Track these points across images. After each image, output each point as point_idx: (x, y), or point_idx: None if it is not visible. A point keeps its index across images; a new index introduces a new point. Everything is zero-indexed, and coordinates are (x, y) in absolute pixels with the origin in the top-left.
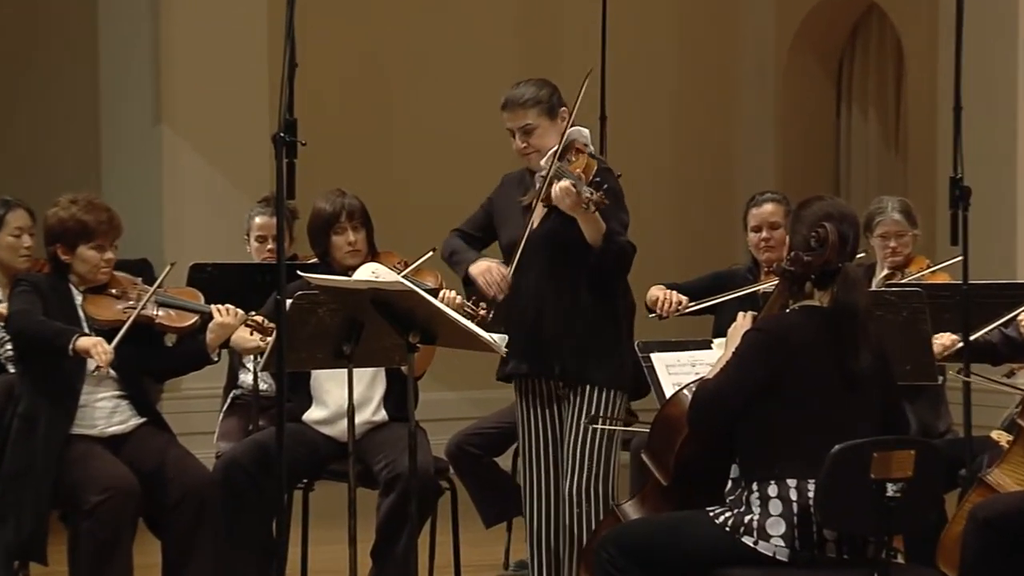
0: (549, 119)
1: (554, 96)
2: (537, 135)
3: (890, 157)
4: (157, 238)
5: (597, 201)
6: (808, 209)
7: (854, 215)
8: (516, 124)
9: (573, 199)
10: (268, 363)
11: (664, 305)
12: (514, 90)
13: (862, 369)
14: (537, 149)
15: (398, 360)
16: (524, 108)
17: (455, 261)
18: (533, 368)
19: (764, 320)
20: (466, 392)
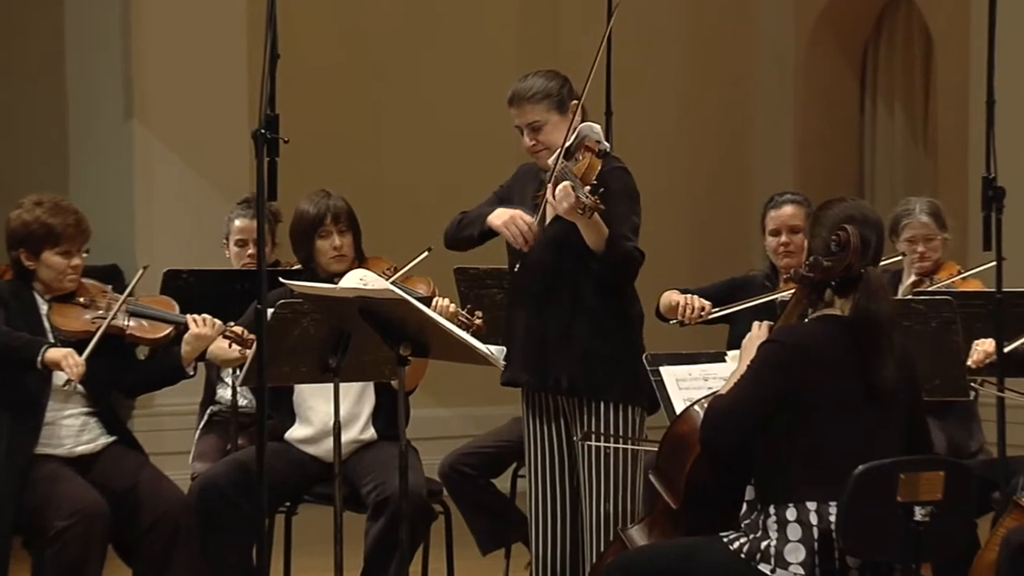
0: (559, 114)
1: (564, 88)
2: (546, 131)
3: (918, 155)
4: (128, 243)
5: (592, 206)
6: (829, 211)
7: (878, 218)
8: (523, 120)
9: (570, 203)
10: (248, 377)
11: (686, 311)
12: (521, 83)
13: (886, 382)
14: (547, 147)
15: (388, 374)
16: (532, 103)
17: (465, 224)
18: (537, 380)
19: (781, 330)
20: (461, 408)
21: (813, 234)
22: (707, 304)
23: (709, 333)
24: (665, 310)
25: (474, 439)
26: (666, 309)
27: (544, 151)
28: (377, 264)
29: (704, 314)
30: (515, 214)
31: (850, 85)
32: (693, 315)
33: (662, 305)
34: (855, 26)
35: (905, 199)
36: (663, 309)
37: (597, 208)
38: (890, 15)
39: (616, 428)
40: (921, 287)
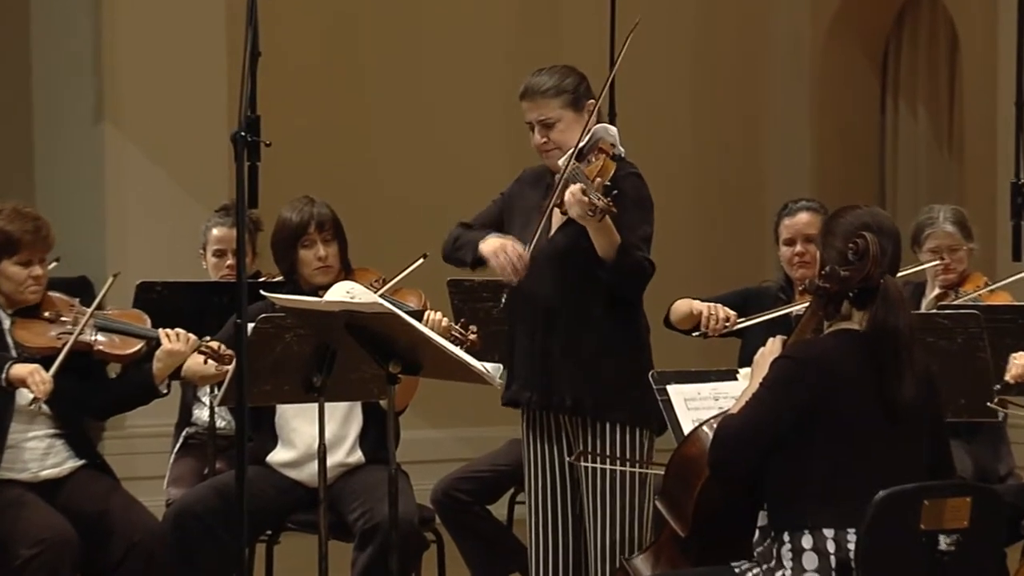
0: (574, 112)
1: (581, 86)
2: (559, 130)
3: (943, 159)
4: (99, 253)
5: (604, 208)
6: (842, 219)
7: (894, 226)
8: (535, 116)
9: (582, 206)
10: (226, 397)
11: (710, 321)
12: (535, 77)
13: (906, 400)
14: (558, 146)
15: (376, 393)
16: (545, 98)
17: (459, 246)
18: (540, 398)
19: (794, 346)
20: (454, 430)
21: (825, 244)
22: (732, 314)
23: (719, 349)
24: (680, 320)
25: (469, 463)
26: (682, 319)
27: (555, 151)
28: (365, 275)
29: (729, 325)
30: (504, 243)
31: (870, 85)
32: (718, 326)
33: (676, 315)
34: (875, 22)
35: (928, 207)
36: (677, 319)
37: (610, 211)
38: (912, 10)
39: (622, 452)
40: (946, 300)
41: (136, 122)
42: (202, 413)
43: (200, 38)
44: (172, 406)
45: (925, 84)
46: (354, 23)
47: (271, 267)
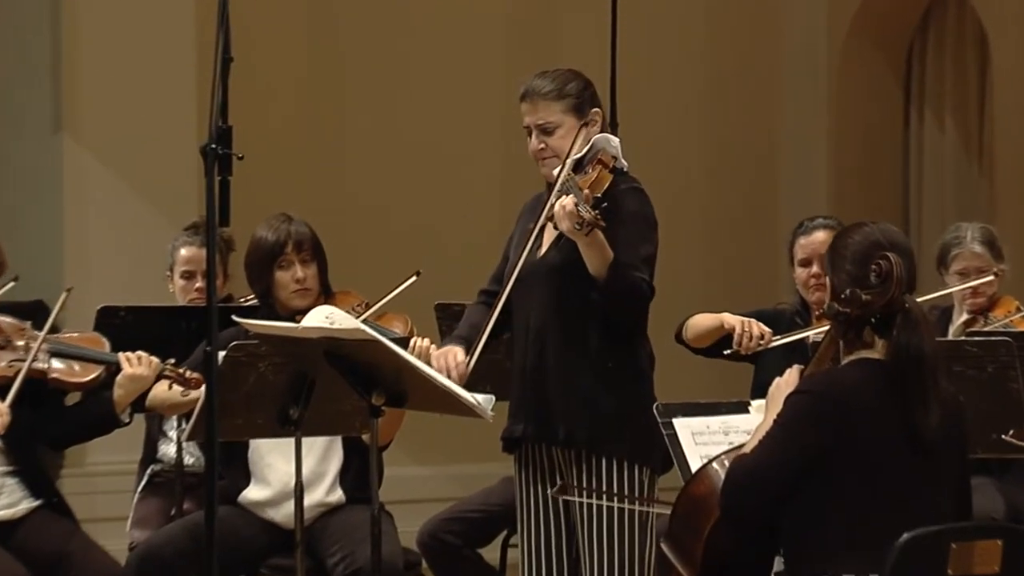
0: (576, 118)
1: (586, 92)
2: (558, 136)
3: (971, 174)
4: (56, 275)
5: (591, 222)
6: (850, 240)
7: (908, 243)
8: (534, 119)
9: (571, 218)
10: (195, 431)
11: (743, 339)
12: (538, 79)
13: (933, 430)
14: (556, 153)
15: (358, 427)
16: (546, 100)
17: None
18: (533, 431)
19: (811, 379)
20: (443, 467)
21: (835, 268)
22: (767, 331)
23: (730, 378)
24: (700, 336)
25: (458, 503)
26: (702, 335)
27: (552, 158)
28: (346, 299)
29: (764, 343)
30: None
31: (892, 93)
32: (751, 344)
33: (695, 331)
34: (897, 25)
35: (955, 225)
36: (696, 336)
37: (597, 224)
38: (938, 12)
39: (619, 489)
40: (975, 326)
41: (97, 132)
42: (168, 449)
43: (167, 42)
44: (136, 441)
45: (952, 91)
46: (334, 26)
47: (244, 290)
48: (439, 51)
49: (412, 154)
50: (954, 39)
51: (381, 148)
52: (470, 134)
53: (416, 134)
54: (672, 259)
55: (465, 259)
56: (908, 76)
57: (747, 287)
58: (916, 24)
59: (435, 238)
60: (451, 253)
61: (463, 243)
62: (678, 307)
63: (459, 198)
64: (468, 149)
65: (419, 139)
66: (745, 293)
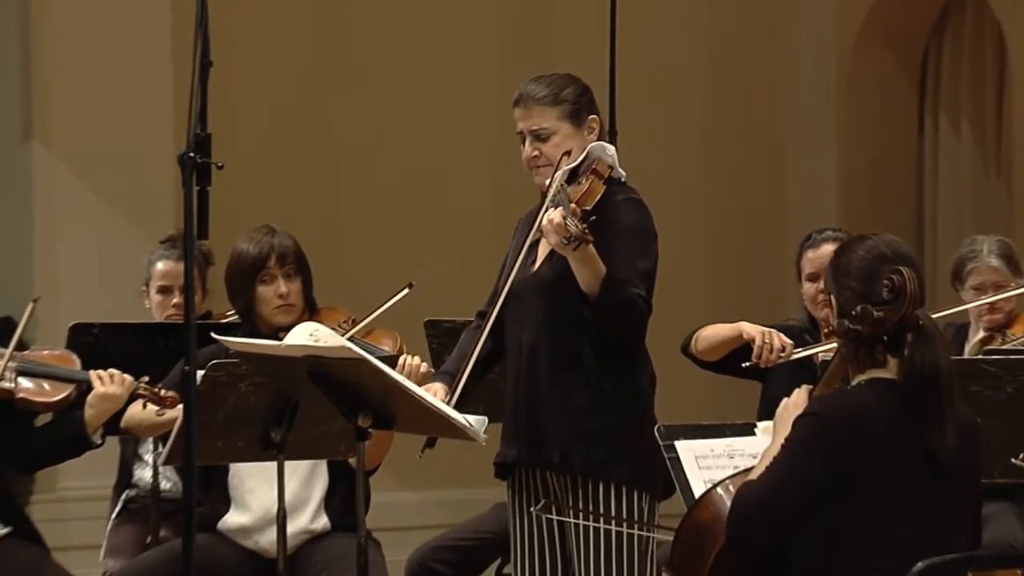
0: (573, 125)
1: (583, 97)
2: (553, 143)
3: (989, 183)
4: (26, 290)
5: (578, 236)
6: (855, 254)
7: (915, 256)
8: (527, 125)
9: (558, 232)
10: (172, 455)
11: (763, 351)
12: (531, 84)
13: (950, 451)
14: (550, 161)
15: (344, 450)
16: (541, 106)
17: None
18: (526, 455)
19: (820, 400)
20: (432, 492)
21: (839, 285)
22: (788, 343)
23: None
24: (711, 349)
25: (449, 530)
26: (714, 347)
27: (546, 167)
28: (331, 316)
29: (784, 356)
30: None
31: (906, 98)
32: (772, 357)
33: (707, 342)
34: (911, 25)
35: (971, 238)
36: (707, 348)
37: (584, 239)
38: (954, 11)
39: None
40: (992, 344)
41: (69, 140)
42: (144, 473)
43: (142, 46)
44: (110, 466)
45: (969, 95)
46: (321, 29)
47: (224, 306)
48: (430, 56)
49: (401, 163)
50: (971, 40)
51: (368, 156)
52: (462, 144)
53: (406, 143)
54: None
55: (457, 273)
56: (922, 79)
57: (753, 302)
58: (931, 24)
59: (425, 251)
60: (442, 267)
61: (455, 256)
62: (680, 323)
63: (450, 210)
64: (460, 159)
65: (409, 148)
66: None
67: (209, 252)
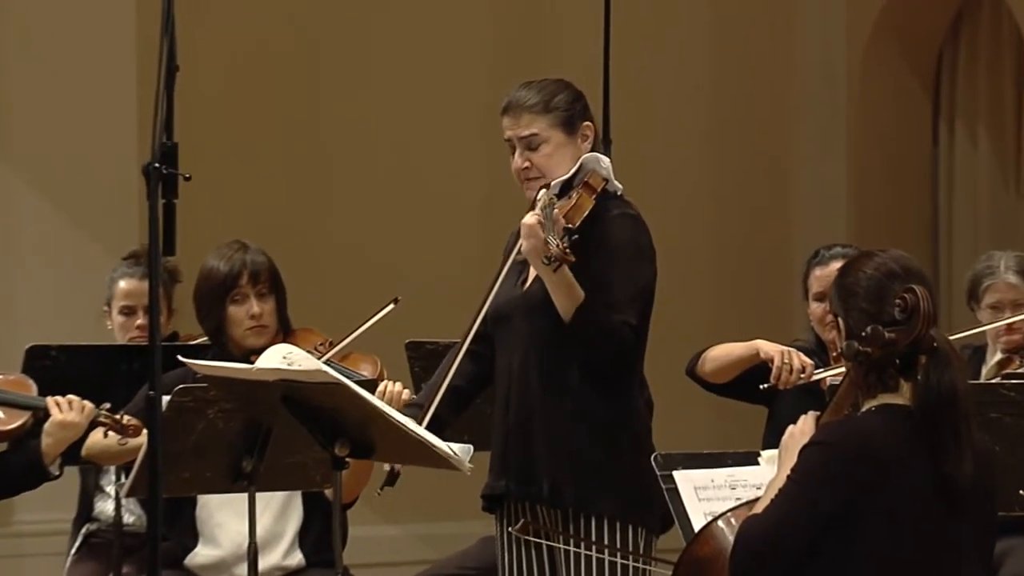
0: (565, 134)
1: (577, 104)
2: (544, 153)
3: (1008, 195)
4: None
5: (558, 255)
6: (862, 272)
7: (926, 273)
8: (517, 132)
9: (531, 244)
10: (135, 486)
11: (782, 373)
12: (521, 90)
13: (968, 481)
14: (542, 173)
15: (319, 481)
16: (531, 113)
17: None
18: (515, 486)
19: (828, 428)
20: (414, 526)
21: (847, 306)
22: (808, 363)
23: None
24: (721, 370)
25: (432, 566)
26: (733, 367)
27: (537, 179)
28: (307, 338)
29: (804, 377)
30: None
31: (919, 104)
32: (792, 378)
33: (715, 363)
34: (925, 28)
35: (987, 254)
36: (715, 370)
37: (565, 259)
38: (970, 14)
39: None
40: (1010, 367)
41: (25, 150)
42: (106, 506)
43: (104, 50)
44: (69, 498)
45: (987, 104)
46: (298, 31)
47: (191, 327)
48: (416, 58)
49: (384, 173)
50: (989, 44)
51: (348, 166)
52: (449, 154)
53: (389, 151)
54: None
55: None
56: (937, 85)
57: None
58: (946, 27)
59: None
60: (427, 282)
61: (441, 271)
62: (678, 345)
63: (436, 224)
64: (447, 171)
65: (393, 156)
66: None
67: (175, 269)
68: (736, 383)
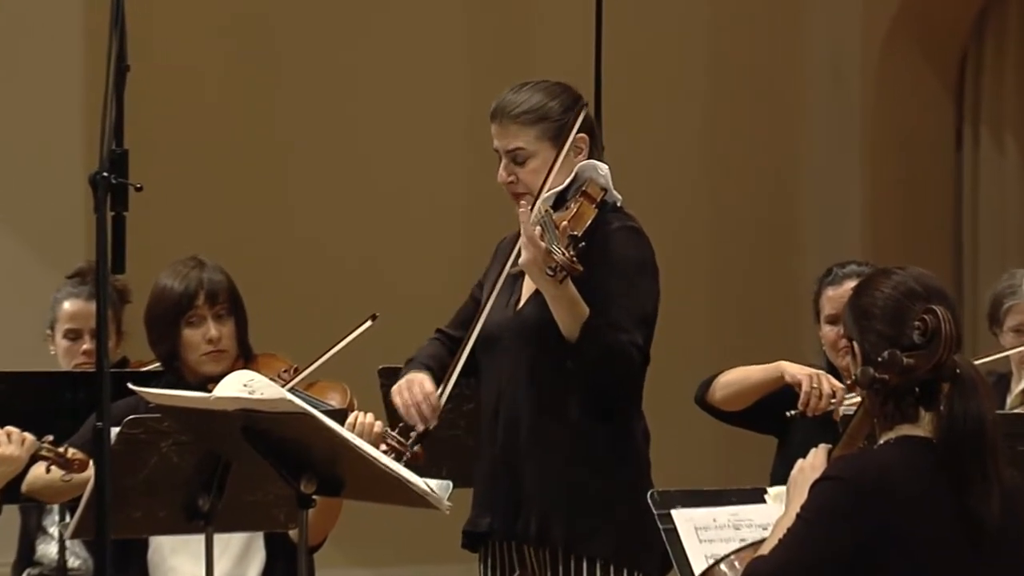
0: (555, 147)
1: (569, 111)
2: (531, 168)
3: None
4: None
5: (565, 264)
6: (877, 292)
7: (949, 292)
8: (503, 144)
9: (532, 255)
10: (81, 527)
11: (814, 397)
12: (512, 94)
13: (995, 518)
14: (528, 189)
15: (283, 521)
16: (519, 124)
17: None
18: (501, 524)
19: (841, 462)
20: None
21: (862, 329)
22: (839, 387)
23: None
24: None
25: None
26: (752, 392)
27: (523, 194)
28: (270, 364)
29: (835, 402)
30: (414, 380)
31: (941, 106)
32: (822, 404)
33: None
34: (947, 24)
35: (1009, 273)
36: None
37: (572, 269)
38: (997, 8)
39: None
40: None
41: None
42: (49, 548)
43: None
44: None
45: (1014, 107)
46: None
47: (143, 352)
48: (392, 51)
49: (354, 183)
50: (1017, 40)
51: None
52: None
53: (360, 160)
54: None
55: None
56: (960, 86)
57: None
58: (971, 22)
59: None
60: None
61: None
62: (676, 371)
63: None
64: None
65: (363, 166)
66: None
67: (125, 289)
68: (753, 411)
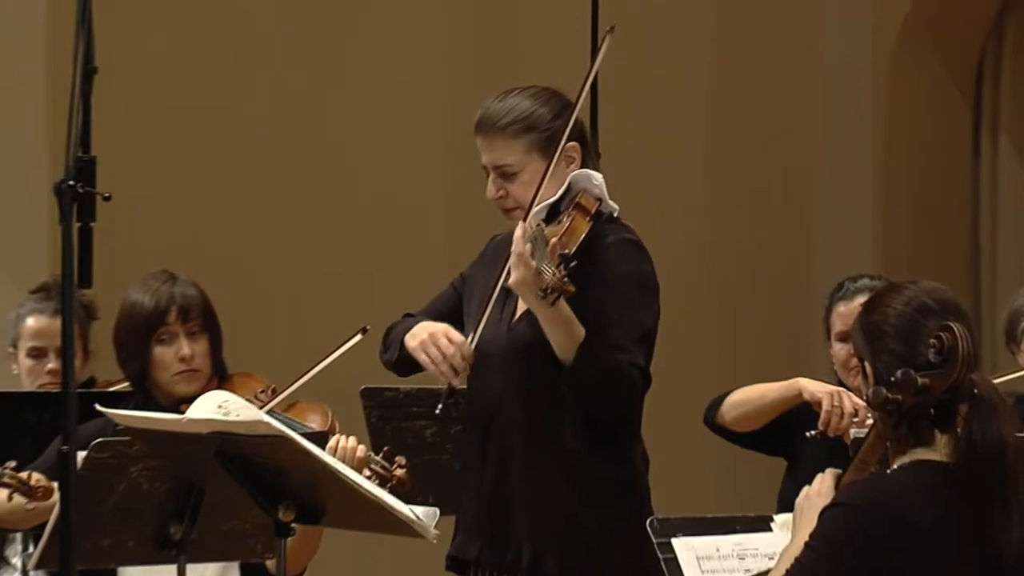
0: (543, 156)
1: (558, 119)
2: (521, 182)
3: None
4: None
5: (556, 286)
6: (889, 309)
7: (966, 307)
8: (490, 159)
9: (522, 275)
10: (45, 557)
11: (835, 417)
12: (496, 102)
13: (1014, 549)
14: (519, 203)
15: (260, 550)
16: (505, 136)
17: (387, 344)
18: (490, 554)
19: (852, 488)
20: None
21: (874, 348)
22: (861, 405)
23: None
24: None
25: None
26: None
27: (514, 209)
28: (246, 384)
29: (858, 421)
30: (437, 331)
31: (957, 111)
32: (844, 423)
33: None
34: (964, 24)
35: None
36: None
37: (564, 290)
38: (1016, 7)
39: None
40: None
41: None
42: None
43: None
44: None
45: None
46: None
47: (111, 372)
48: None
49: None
50: None
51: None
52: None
53: (341, 168)
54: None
55: None
56: (978, 89)
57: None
58: (988, 22)
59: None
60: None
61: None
62: (677, 392)
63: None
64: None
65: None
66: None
67: (92, 304)
68: (766, 431)
